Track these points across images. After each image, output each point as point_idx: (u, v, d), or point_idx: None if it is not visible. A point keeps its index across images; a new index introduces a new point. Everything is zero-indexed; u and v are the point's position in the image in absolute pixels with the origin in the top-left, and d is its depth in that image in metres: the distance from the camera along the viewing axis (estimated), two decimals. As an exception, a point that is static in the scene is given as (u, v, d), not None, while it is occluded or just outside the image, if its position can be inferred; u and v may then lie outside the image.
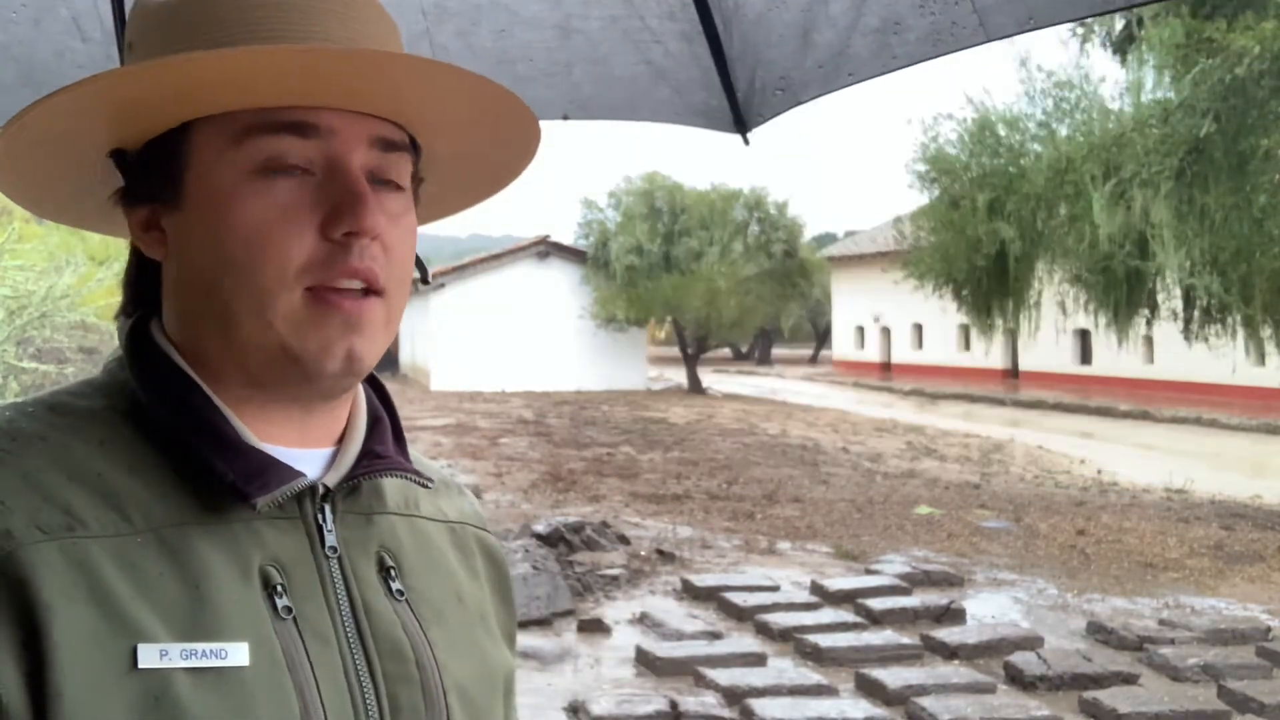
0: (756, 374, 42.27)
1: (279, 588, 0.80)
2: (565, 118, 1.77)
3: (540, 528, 9.12)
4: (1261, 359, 14.53)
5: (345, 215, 0.80)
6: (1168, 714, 5.59)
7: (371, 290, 0.82)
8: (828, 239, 64.66)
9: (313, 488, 0.85)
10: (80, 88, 0.78)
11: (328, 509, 0.85)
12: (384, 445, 0.91)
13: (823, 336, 51.36)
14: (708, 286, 29.57)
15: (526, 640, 6.97)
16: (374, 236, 0.82)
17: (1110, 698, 5.76)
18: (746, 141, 1.71)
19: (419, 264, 0.94)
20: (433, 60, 0.83)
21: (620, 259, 31.34)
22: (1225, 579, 8.98)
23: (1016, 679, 6.26)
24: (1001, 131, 13.34)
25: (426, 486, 0.95)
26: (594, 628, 7.25)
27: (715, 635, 7.03)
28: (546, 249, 32.77)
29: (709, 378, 34.92)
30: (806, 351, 55.64)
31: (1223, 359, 13.60)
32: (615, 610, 7.72)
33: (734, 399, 28.80)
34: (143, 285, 0.90)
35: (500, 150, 0.94)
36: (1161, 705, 5.68)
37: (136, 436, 0.82)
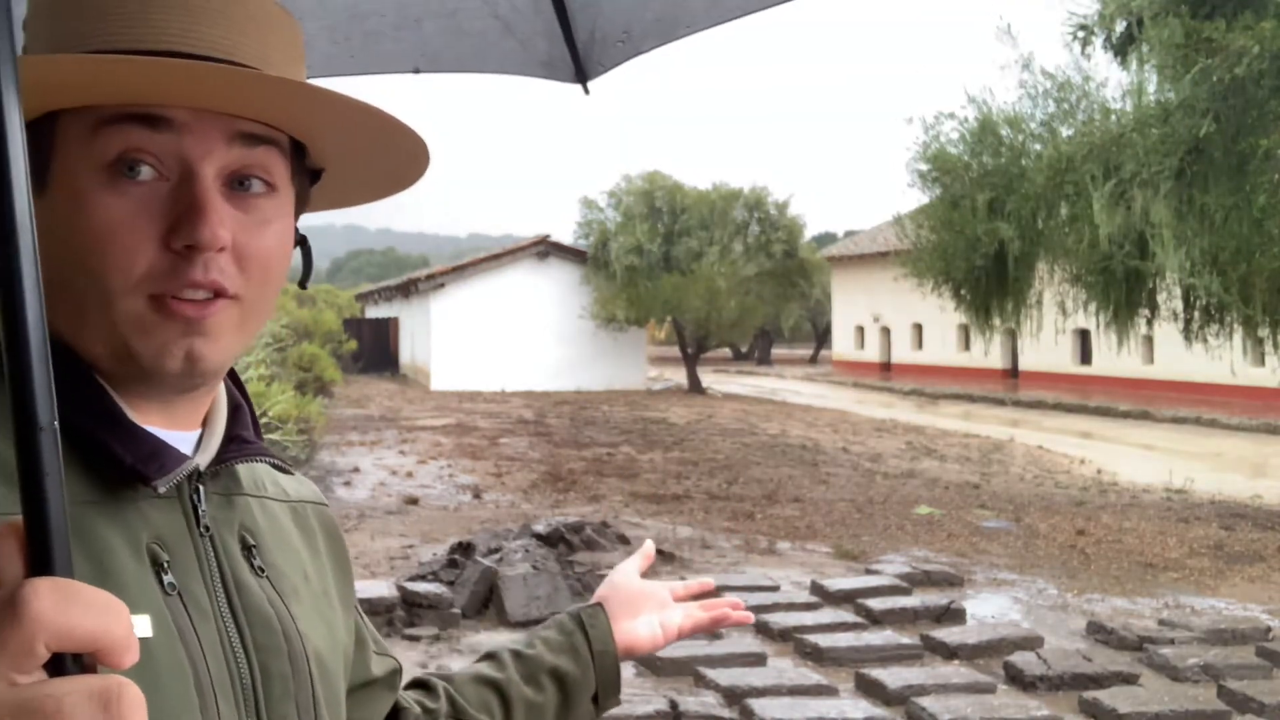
0: (756, 374, 42.27)
1: (165, 564, 0.84)
2: (416, 71, 1.82)
3: (540, 528, 9.12)
4: (1261, 359, 14.54)
5: (185, 227, 0.81)
6: (1168, 714, 5.59)
7: (220, 294, 0.84)
8: (828, 239, 64.76)
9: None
10: None
11: (201, 489, 0.89)
12: (248, 431, 0.96)
13: (822, 336, 51.37)
14: (708, 286, 29.58)
15: (526, 640, 6.96)
16: (219, 249, 0.83)
17: (1110, 698, 5.76)
18: (586, 91, 1.77)
19: (306, 262, 0.97)
20: (294, 81, 0.83)
21: (620, 259, 31.35)
22: (1225, 579, 8.98)
23: (1016, 679, 6.26)
24: (1003, 131, 13.31)
25: (289, 473, 1.02)
26: (594, 628, 7.25)
27: (715, 635, 7.03)
28: (546, 249, 32.77)
29: (709, 378, 34.93)
30: (806, 351, 55.66)
31: (1223, 359, 13.59)
32: (615, 610, 7.72)
33: (734, 399, 28.81)
34: None
35: (390, 156, 0.95)
36: (1161, 705, 5.68)
37: None
